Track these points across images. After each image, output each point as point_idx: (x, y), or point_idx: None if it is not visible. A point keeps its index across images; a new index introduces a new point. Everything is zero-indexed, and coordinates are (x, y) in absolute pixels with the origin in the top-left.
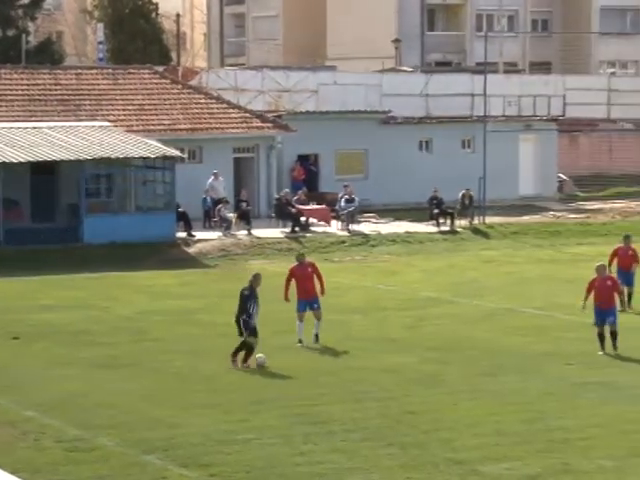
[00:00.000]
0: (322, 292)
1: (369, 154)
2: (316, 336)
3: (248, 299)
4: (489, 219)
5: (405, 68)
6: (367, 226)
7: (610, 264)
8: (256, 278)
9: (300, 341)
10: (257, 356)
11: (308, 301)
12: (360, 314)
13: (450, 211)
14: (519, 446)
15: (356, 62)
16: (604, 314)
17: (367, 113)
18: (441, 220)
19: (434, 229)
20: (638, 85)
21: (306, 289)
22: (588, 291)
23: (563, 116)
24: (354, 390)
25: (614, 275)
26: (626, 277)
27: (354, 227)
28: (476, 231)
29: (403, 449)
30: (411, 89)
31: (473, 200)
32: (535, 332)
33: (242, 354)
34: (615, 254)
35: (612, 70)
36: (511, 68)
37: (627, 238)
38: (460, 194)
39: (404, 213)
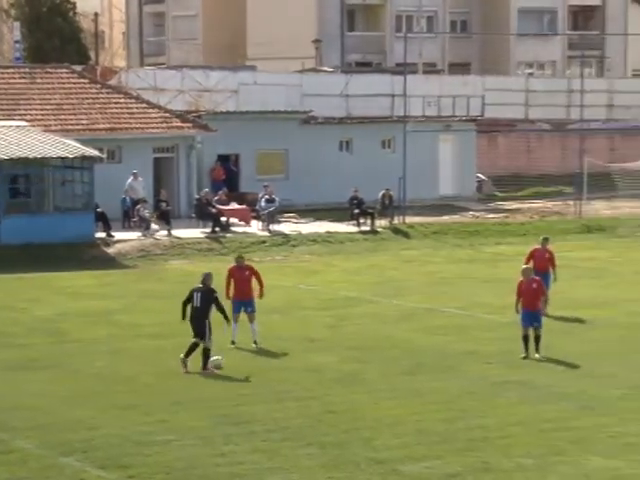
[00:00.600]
0: (260, 295)
1: (289, 154)
2: (255, 342)
3: (211, 300)
4: (409, 219)
5: (325, 68)
6: (288, 226)
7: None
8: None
9: (233, 342)
10: (215, 358)
11: (243, 303)
12: (281, 314)
13: (370, 211)
14: (439, 445)
15: (276, 62)
16: (531, 317)
17: (287, 113)
18: (361, 220)
19: (354, 229)
20: (555, 86)
21: (242, 291)
22: (518, 295)
23: (482, 116)
24: (275, 390)
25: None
26: (542, 279)
27: (275, 227)
28: (396, 231)
29: (323, 449)
30: (331, 89)
31: (393, 200)
32: (455, 331)
33: (189, 357)
34: (531, 256)
35: (530, 71)
36: (430, 69)
37: (545, 240)
38: (380, 194)
39: (325, 213)
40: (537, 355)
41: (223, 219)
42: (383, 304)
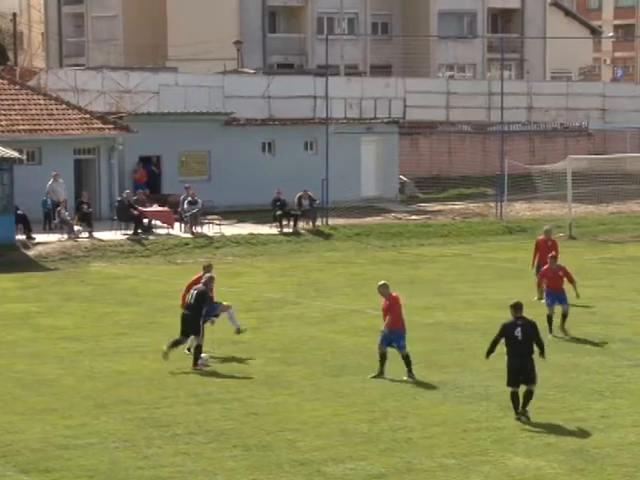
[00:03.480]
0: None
1: (212, 156)
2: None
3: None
4: (332, 221)
5: (247, 70)
6: (210, 228)
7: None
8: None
9: (189, 349)
10: (202, 355)
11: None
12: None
13: (293, 213)
14: (363, 446)
15: (198, 63)
16: (555, 296)
17: (209, 115)
18: (284, 222)
19: (277, 231)
20: (476, 88)
21: (211, 298)
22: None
23: (404, 118)
24: (198, 392)
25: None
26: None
27: (197, 229)
28: (319, 233)
29: (247, 450)
30: (253, 91)
31: (314, 201)
32: (377, 332)
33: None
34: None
35: (450, 73)
36: (352, 71)
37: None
38: (297, 195)
39: (248, 215)
40: (561, 333)
41: (145, 221)
42: (306, 306)
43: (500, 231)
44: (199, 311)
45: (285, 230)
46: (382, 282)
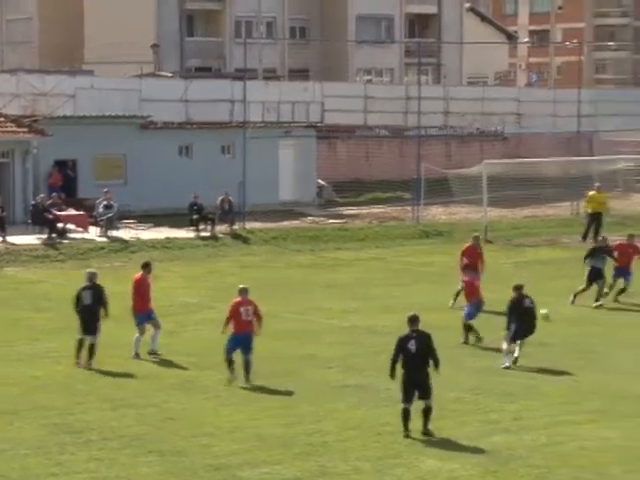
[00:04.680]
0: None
1: (128, 159)
2: (154, 352)
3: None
4: (249, 224)
5: (164, 73)
6: (126, 232)
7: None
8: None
9: (137, 355)
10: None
11: (147, 313)
12: (119, 322)
13: (211, 217)
14: (278, 450)
15: (114, 67)
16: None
17: (126, 118)
18: (201, 226)
19: (194, 235)
20: (393, 92)
21: (149, 300)
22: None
23: (321, 122)
24: (112, 398)
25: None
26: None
27: (113, 233)
28: (236, 237)
29: (162, 456)
30: (171, 94)
31: (233, 205)
32: (295, 336)
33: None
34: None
35: (368, 78)
36: (270, 74)
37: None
38: (219, 199)
39: (164, 219)
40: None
41: (60, 225)
42: (223, 310)
43: (417, 235)
44: (97, 310)
45: (202, 234)
46: (242, 286)
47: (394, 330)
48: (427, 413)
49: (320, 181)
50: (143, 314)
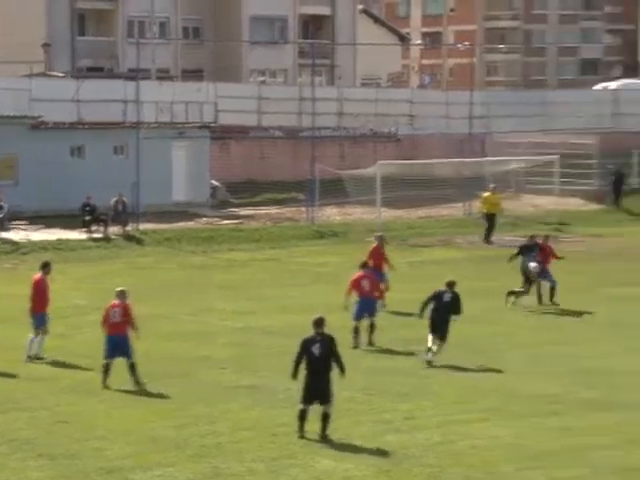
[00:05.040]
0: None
1: (19, 160)
2: (38, 357)
3: None
4: (143, 226)
5: (56, 73)
6: (17, 233)
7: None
8: None
9: (38, 357)
10: None
11: (44, 315)
12: (12, 322)
13: (103, 218)
14: (172, 452)
15: (4, 66)
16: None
17: (16, 118)
18: (94, 227)
19: (87, 236)
20: (287, 93)
21: (47, 302)
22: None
23: (215, 123)
24: (3, 401)
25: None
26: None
27: (3, 234)
28: (130, 238)
29: (53, 460)
30: (62, 94)
31: (127, 206)
32: (189, 337)
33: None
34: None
35: (262, 78)
36: (163, 75)
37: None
38: (113, 200)
39: (56, 220)
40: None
41: None
42: None
43: (311, 235)
44: None
45: (95, 235)
46: (119, 289)
47: (289, 330)
48: (325, 418)
49: (214, 182)
50: (42, 316)
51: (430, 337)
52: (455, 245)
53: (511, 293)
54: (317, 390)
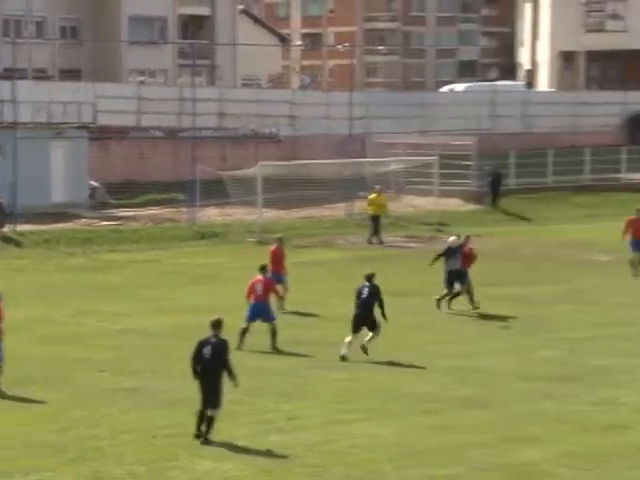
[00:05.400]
0: None
1: None
2: None
3: None
4: (20, 227)
5: None
6: None
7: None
8: None
9: None
10: None
11: None
12: None
13: None
14: (50, 457)
15: None
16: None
17: None
18: None
19: None
20: (167, 94)
21: None
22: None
23: (94, 123)
24: None
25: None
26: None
27: None
28: (7, 239)
29: None
30: None
31: (4, 207)
32: (67, 340)
33: None
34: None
35: (142, 79)
36: (41, 74)
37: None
38: None
39: None
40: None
41: None
42: None
43: (192, 236)
44: None
45: None
46: None
47: (170, 332)
48: (210, 422)
49: (93, 182)
50: None
51: (349, 337)
52: (337, 246)
53: (439, 300)
54: (207, 392)
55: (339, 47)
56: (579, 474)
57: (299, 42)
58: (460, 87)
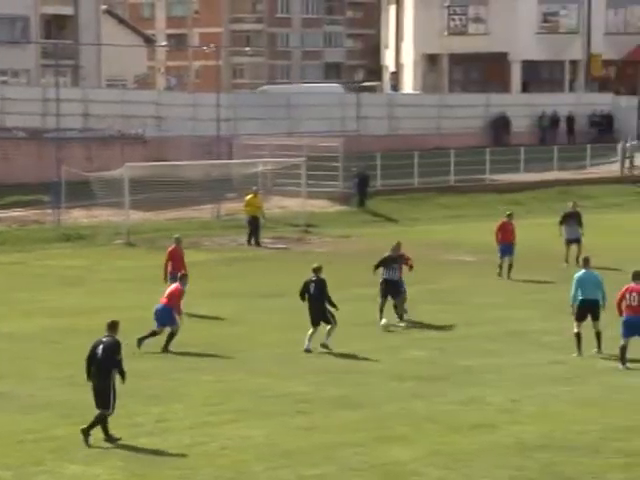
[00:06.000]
0: None
1: None
2: None
3: None
4: None
5: None
6: None
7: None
8: None
9: None
10: None
11: None
12: None
13: None
14: None
15: None
16: None
17: None
18: None
19: None
20: (30, 94)
21: None
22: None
23: None
24: None
25: None
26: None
27: None
28: None
29: None
30: None
31: None
32: None
33: None
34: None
35: (4, 79)
36: None
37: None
38: None
39: None
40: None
41: None
42: None
43: (58, 238)
44: None
45: None
46: None
47: (37, 335)
48: (96, 422)
49: None
50: None
51: (311, 330)
52: (204, 247)
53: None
54: (98, 394)
55: (204, 48)
56: (446, 473)
57: (164, 43)
58: (265, 87)
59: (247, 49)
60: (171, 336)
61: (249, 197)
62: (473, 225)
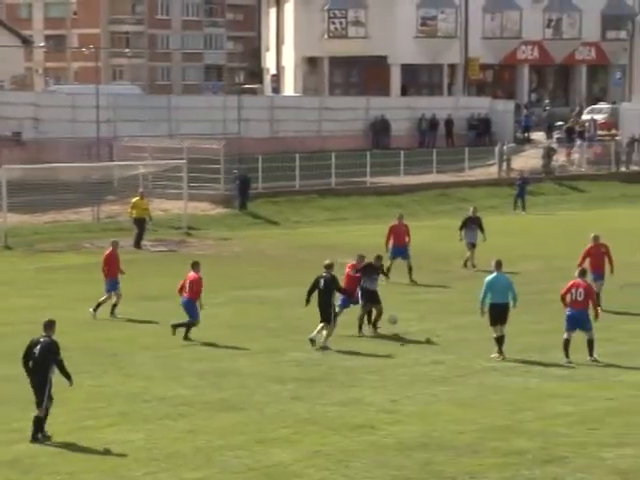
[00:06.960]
0: None
1: None
2: None
3: None
4: None
5: None
6: None
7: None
8: None
9: None
10: None
11: None
12: None
13: None
14: None
15: None
16: None
17: None
18: None
19: None
20: None
21: None
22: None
23: None
24: None
25: None
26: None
27: None
28: None
29: None
30: None
31: None
32: None
33: None
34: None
35: None
36: None
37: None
38: None
39: None
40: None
41: None
42: None
43: None
44: None
45: None
46: None
47: None
48: (35, 421)
49: None
50: None
51: (320, 324)
52: (84, 250)
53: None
54: (34, 393)
55: (83, 49)
56: (327, 474)
57: (42, 44)
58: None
59: (126, 50)
60: (190, 326)
61: (135, 199)
62: (354, 227)
